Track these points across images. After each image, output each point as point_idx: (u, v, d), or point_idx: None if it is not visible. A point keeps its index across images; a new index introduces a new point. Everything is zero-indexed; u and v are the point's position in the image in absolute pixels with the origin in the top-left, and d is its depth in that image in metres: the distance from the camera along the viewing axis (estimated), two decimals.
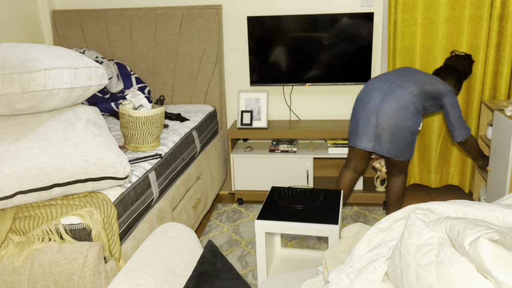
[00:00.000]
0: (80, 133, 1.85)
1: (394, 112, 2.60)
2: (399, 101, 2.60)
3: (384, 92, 2.65)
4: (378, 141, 2.69)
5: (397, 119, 2.61)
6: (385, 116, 2.62)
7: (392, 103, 2.60)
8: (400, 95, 2.61)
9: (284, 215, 2.27)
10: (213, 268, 1.35)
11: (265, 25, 3.37)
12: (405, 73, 2.72)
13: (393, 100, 2.61)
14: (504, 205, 1.05)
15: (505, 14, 3.07)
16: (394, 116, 2.60)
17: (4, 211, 1.76)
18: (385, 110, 2.61)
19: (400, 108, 2.59)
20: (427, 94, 2.63)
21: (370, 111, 2.68)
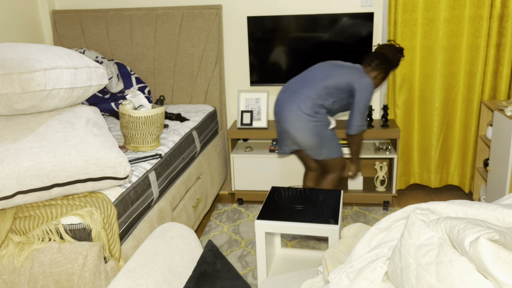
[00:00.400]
0: (80, 133, 1.85)
1: (291, 118, 2.69)
2: (294, 106, 2.69)
3: (284, 101, 2.75)
4: (294, 142, 2.79)
5: (295, 123, 2.69)
6: (287, 123, 2.72)
7: (289, 110, 2.70)
8: (296, 100, 2.70)
9: (284, 215, 2.27)
10: (213, 268, 1.35)
11: (265, 25, 3.37)
12: (308, 75, 2.77)
13: (289, 107, 2.71)
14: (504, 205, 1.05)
15: (505, 14, 3.07)
16: (292, 121, 2.70)
17: (4, 211, 1.76)
18: (286, 117, 2.72)
19: (295, 112, 2.68)
20: (330, 90, 2.68)
21: (277, 120, 2.81)
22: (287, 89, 2.79)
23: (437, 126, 3.43)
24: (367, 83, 2.68)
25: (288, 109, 2.70)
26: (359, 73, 2.70)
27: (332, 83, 2.67)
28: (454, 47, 3.26)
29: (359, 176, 3.10)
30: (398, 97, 3.41)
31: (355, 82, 2.67)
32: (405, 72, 3.36)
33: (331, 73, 2.70)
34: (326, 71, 2.72)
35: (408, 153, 3.56)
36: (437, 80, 3.33)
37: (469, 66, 3.27)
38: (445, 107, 3.40)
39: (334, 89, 2.68)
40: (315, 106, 2.67)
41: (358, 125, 2.75)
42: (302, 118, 2.67)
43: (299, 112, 2.67)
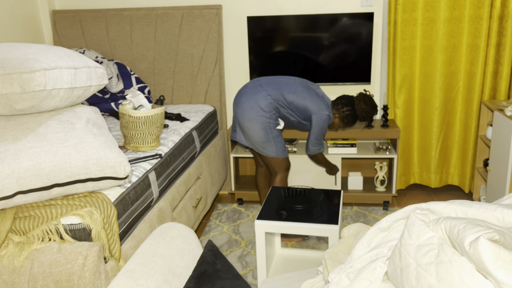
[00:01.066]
0: (80, 133, 1.85)
1: (246, 107, 2.79)
2: (253, 98, 2.78)
3: (247, 90, 2.86)
4: (242, 130, 2.89)
5: (248, 113, 2.79)
6: (241, 111, 2.82)
7: (247, 99, 2.80)
8: (257, 94, 2.79)
9: (284, 215, 2.27)
10: (213, 268, 1.35)
11: (265, 25, 3.37)
12: (280, 80, 2.86)
13: (248, 97, 2.81)
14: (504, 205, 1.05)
15: (505, 14, 3.07)
16: (246, 110, 2.79)
17: (4, 211, 1.76)
18: (242, 105, 2.82)
19: (252, 103, 2.77)
20: (289, 104, 2.80)
21: (234, 105, 2.90)
22: (254, 82, 2.89)
23: (437, 126, 3.43)
24: (322, 117, 2.80)
25: (247, 98, 2.81)
26: (322, 105, 2.80)
27: (293, 100, 2.79)
28: (454, 47, 3.26)
29: (337, 172, 3.27)
30: (398, 97, 3.41)
31: (313, 112, 2.80)
32: (405, 72, 3.36)
33: (298, 91, 2.81)
34: (296, 88, 2.82)
35: (408, 153, 3.56)
36: (437, 80, 3.33)
37: (469, 66, 3.27)
38: (445, 107, 3.40)
39: (292, 105, 2.80)
40: (271, 106, 2.78)
41: (313, 149, 2.91)
42: (255, 111, 2.77)
43: (255, 104, 2.77)
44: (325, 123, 2.83)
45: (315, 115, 2.80)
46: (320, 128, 2.84)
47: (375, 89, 3.55)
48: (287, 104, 2.80)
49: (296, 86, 2.82)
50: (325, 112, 2.81)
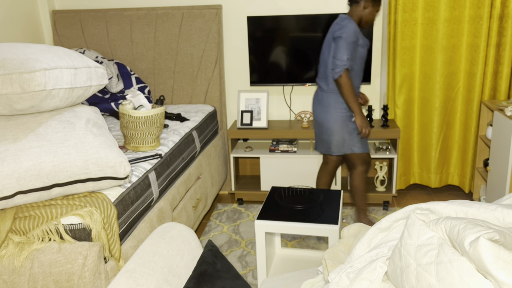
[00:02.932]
0: (80, 133, 1.85)
1: (316, 110, 2.81)
2: (318, 99, 2.80)
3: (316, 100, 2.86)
4: (319, 143, 2.89)
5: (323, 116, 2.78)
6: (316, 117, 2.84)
7: (317, 106, 2.81)
8: (318, 93, 2.81)
9: (284, 215, 2.27)
10: (213, 268, 1.35)
11: (265, 25, 3.37)
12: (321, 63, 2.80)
13: (316, 101, 2.83)
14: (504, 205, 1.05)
15: (505, 14, 3.07)
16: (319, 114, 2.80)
17: (4, 211, 1.76)
18: (314, 112, 2.84)
19: (323, 105, 2.77)
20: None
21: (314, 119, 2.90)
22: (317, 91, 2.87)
23: (437, 126, 3.43)
24: (345, 26, 2.61)
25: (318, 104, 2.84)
26: (340, 20, 2.67)
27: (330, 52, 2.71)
28: (454, 47, 3.26)
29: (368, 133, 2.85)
30: (398, 97, 3.41)
31: (335, 30, 2.66)
32: (405, 72, 3.36)
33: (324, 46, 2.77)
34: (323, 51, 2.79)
35: (408, 153, 3.56)
36: (437, 80, 3.33)
37: (469, 66, 3.27)
38: (445, 107, 3.40)
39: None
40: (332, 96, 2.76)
41: (336, 67, 2.62)
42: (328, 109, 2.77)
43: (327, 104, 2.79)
44: (344, 40, 2.58)
45: (335, 40, 2.62)
46: (344, 46, 2.59)
47: (375, 89, 3.55)
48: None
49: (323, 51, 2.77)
50: (345, 20, 2.63)
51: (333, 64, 2.61)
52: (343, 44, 2.57)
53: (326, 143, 2.83)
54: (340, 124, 2.75)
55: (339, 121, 2.75)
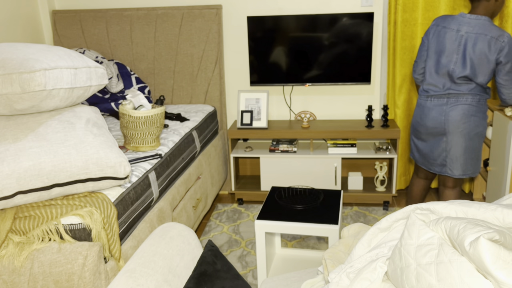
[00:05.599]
0: (80, 133, 1.85)
1: (460, 127, 2.48)
2: (462, 112, 2.47)
3: (444, 112, 2.51)
4: (453, 166, 2.57)
5: (468, 132, 2.48)
6: (455, 139, 2.51)
7: (456, 118, 2.48)
8: (461, 106, 2.46)
9: (284, 215, 2.27)
10: (213, 268, 1.35)
11: (265, 25, 3.37)
12: (451, 75, 2.47)
13: (456, 114, 2.47)
14: (504, 205, 1.05)
15: (505, 14, 3.07)
16: (463, 132, 2.48)
17: (4, 211, 1.76)
18: (452, 132, 2.50)
19: (466, 118, 2.46)
20: (483, 75, 2.40)
21: (436, 137, 2.58)
22: (425, 96, 2.55)
23: None
24: (506, 35, 2.34)
25: (456, 116, 2.48)
26: (494, 29, 2.38)
27: (480, 70, 2.41)
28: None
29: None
30: (398, 97, 3.41)
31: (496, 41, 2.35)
32: (405, 72, 3.36)
33: (474, 62, 2.42)
34: (450, 53, 2.45)
35: (408, 153, 3.56)
36: None
37: None
38: None
39: (484, 70, 2.41)
40: (484, 103, 2.47)
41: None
42: (475, 121, 2.48)
43: (471, 116, 2.47)
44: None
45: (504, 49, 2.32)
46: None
47: (375, 89, 3.55)
48: (485, 76, 2.38)
49: (463, 63, 2.41)
50: (498, 32, 2.34)
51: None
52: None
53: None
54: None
55: None
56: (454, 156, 2.54)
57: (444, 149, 2.56)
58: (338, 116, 3.65)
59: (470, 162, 2.55)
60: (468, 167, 2.56)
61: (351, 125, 3.41)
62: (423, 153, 2.68)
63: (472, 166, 2.57)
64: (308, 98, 3.63)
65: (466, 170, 2.57)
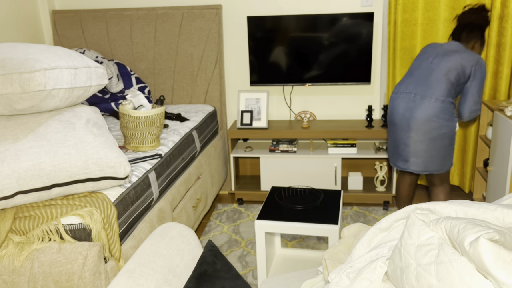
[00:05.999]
0: (80, 133, 1.85)
1: (424, 124, 2.53)
2: (427, 112, 2.52)
3: (411, 108, 2.57)
4: (415, 162, 2.62)
5: (431, 131, 2.53)
6: (416, 134, 2.55)
7: (421, 116, 2.53)
8: (427, 105, 2.52)
9: (284, 215, 2.27)
10: (213, 268, 1.35)
11: (265, 25, 3.37)
12: (425, 74, 2.58)
13: (421, 113, 2.53)
14: (504, 205, 1.05)
15: (505, 14, 3.07)
16: (425, 128, 2.53)
17: (4, 211, 1.76)
18: (416, 125, 2.55)
19: (430, 118, 2.51)
20: (454, 83, 2.51)
21: (400, 129, 2.63)
22: (409, 95, 2.60)
23: None
24: (478, 61, 2.50)
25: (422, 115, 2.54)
26: (469, 53, 2.53)
27: (453, 75, 2.52)
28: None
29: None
30: None
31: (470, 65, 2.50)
32: (405, 72, 3.36)
33: (449, 65, 2.53)
34: (443, 63, 2.55)
35: None
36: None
37: None
38: None
39: (456, 80, 2.52)
40: (451, 106, 2.54)
41: (476, 108, 2.55)
42: (441, 123, 2.54)
43: (437, 118, 2.53)
44: (484, 70, 2.48)
45: (473, 71, 2.47)
46: (483, 80, 2.48)
47: (375, 89, 3.55)
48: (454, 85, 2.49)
49: (438, 67, 2.52)
50: (474, 57, 2.48)
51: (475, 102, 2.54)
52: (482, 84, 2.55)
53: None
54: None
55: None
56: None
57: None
58: (338, 116, 3.65)
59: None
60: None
61: (351, 125, 3.41)
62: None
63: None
64: (308, 98, 3.63)
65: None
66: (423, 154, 2.58)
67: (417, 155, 2.60)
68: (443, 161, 2.61)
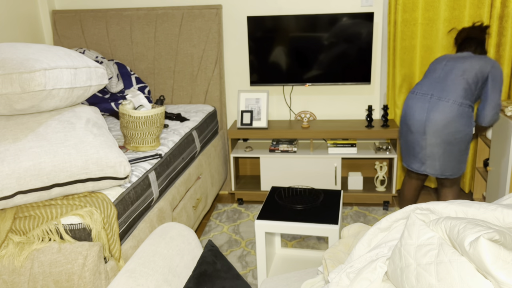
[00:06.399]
0: (80, 133, 1.85)
1: (441, 128, 2.51)
2: (444, 116, 2.50)
3: (426, 109, 2.56)
4: (431, 164, 2.60)
5: (449, 136, 2.51)
6: (434, 137, 2.54)
7: (438, 122, 2.51)
8: (445, 107, 2.50)
9: (284, 215, 2.27)
10: (213, 268, 1.35)
11: (265, 25, 3.37)
12: (440, 75, 2.59)
13: (438, 118, 2.51)
14: (504, 205, 1.05)
15: (505, 14, 3.07)
16: (442, 132, 2.51)
17: (4, 211, 1.76)
18: (433, 130, 2.53)
19: (447, 123, 2.50)
20: (471, 85, 2.50)
21: (416, 132, 2.61)
22: (426, 96, 2.59)
23: None
24: (494, 63, 2.54)
25: (438, 117, 2.52)
26: (485, 59, 2.56)
27: (471, 77, 2.54)
28: (454, 47, 3.26)
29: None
30: (398, 97, 3.41)
31: (487, 68, 2.52)
32: (405, 72, 3.36)
33: (465, 68, 2.55)
34: (458, 68, 2.56)
35: None
36: None
37: None
38: None
39: (474, 82, 2.53)
40: (470, 109, 2.54)
41: (493, 113, 2.57)
42: (458, 125, 2.52)
43: (454, 121, 2.52)
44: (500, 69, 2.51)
45: (490, 70, 2.49)
46: (501, 83, 2.51)
47: (375, 89, 3.55)
48: (473, 88, 2.50)
49: (454, 71, 2.52)
50: (488, 60, 2.51)
51: (494, 106, 2.55)
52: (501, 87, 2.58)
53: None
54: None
55: None
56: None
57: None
58: (338, 116, 3.65)
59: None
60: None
61: (351, 125, 3.41)
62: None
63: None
64: (308, 98, 3.63)
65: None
66: (440, 157, 2.56)
67: (434, 158, 2.58)
68: (458, 165, 2.59)
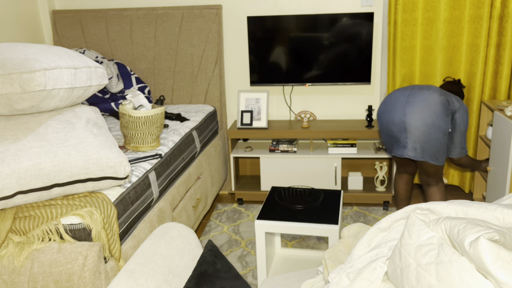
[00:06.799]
0: (80, 133, 1.85)
1: (422, 111, 2.57)
2: (425, 101, 2.58)
3: (407, 95, 2.64)
4: (412, 147, 2.65)
5: (427, 118, 2.58)
6: (414, 118, 2.59)
7: (418, 104, 2.58)
8: (426, 95, 2.59)
9: (284, 215, 2.27)
10: (213, 268, 1.35)
11: (265, 25, 3.37)
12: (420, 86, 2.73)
13: (419, 101, 2.58)
14: (504, 205, 1.05)
15: (505, 14, 3.07)
16: (423, 115, 2.57)
17: (4, 211, 1.76)
18: (413, 111, 2.59)
19: (428, 107, 2.56)
20: (447, 104, 2.61)
21: (397, 118, 2.66)
22: (406, 89, 2.70)
23: None
24: (465, 109, 2.69)
25: (419, 103, 2.61)
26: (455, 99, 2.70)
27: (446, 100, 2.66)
28: (454, 47, 3.26)
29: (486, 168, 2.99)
30: None
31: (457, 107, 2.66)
32: (405, 72, 3.36)
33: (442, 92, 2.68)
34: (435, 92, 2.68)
35: None
36: (437, 80, 3.33)
37: (469, 66, 3.27)
38: None
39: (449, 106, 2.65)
40: (447, 106, 2.62)
41: (463, 151, 2.75)
42: (437, 113, 2.60)
43: (434, 107, 2.59)
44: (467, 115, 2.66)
45: (459, 108, 2.62)
46: (466, 124, 2.67)
47: (375, 89, 3.55)
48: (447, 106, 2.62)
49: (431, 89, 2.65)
50: (461, 101, 2.66)
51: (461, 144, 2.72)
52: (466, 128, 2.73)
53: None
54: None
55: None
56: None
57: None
58: (338, 116, 3.65)
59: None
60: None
61: (351, 125, 3.41)
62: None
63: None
64: (308, 98, 3.63)
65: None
66: (421, 139, 2.62)
67: (414, 140, 2.63)
68: (437, 154, 2.66)
